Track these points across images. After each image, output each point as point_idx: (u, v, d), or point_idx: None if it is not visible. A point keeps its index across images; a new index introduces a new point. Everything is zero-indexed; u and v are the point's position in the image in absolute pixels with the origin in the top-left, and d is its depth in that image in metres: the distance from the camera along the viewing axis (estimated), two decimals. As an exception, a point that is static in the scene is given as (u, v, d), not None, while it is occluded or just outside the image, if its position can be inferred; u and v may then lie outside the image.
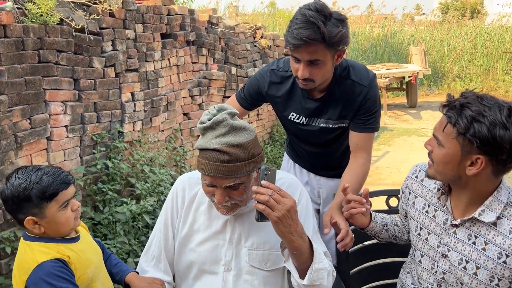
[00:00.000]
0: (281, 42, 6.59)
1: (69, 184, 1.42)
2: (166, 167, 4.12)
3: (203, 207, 1.61)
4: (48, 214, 1.38)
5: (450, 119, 1.35)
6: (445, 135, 1.37)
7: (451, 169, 1.39)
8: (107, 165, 3.44)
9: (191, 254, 1.59)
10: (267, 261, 1.56)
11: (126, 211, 3.27)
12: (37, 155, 2.96)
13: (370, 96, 1.94)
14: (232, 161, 1.38)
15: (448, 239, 1.52)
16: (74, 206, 1.44)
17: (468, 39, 13.95)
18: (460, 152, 1.35)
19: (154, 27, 4.09)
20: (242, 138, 1.40)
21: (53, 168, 1.42)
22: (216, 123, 1.40)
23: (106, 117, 3.53)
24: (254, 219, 1.56)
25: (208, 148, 1.39)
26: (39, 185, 1.36)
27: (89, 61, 3.35)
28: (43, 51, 2.94)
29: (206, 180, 1.44)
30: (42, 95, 2.96)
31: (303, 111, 2.03)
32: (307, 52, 1.74)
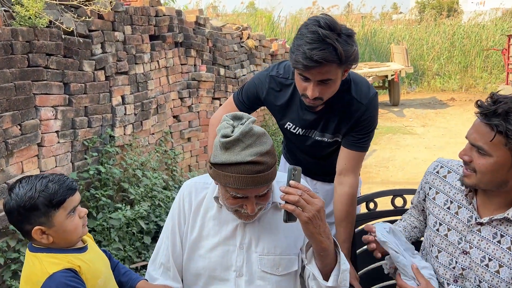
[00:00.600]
0: (267, 43, 6.58)
1: (75, 190, 1.37)
2: (158, 171, 4.06)
3: (212, 212, 1.57)
4: (56, 222, 1.33)
5: (497, 127, 1.31)
6: (492, 145, 1.33)
7: (500, 176, 1.36)
8: (99, 170, 3.37)
9: (201, 261, 1.56)
10: (279, 266, 1.53)
11: (120, 216, 3.21)
12: (28, 162, 2.87)
13: (368, 116, 1.88)
14: (266, 170, 1.36)
15: (472, 236, 1.51)
16: (81, 213, 1.39)
17: (446, 37, 14.23)
18: (510, 158, 1.33)
19: (143, 29, 4.03)
20: (267, 144, 1.38)
21: (57, 175, 1.37)
22: (244, 134, 1.35)
23: (97, 122, 3.45)
24: (263, 224, 1.55)
25: (242, 162, 1.34)
26: (46, 192, 1.31)
27: (79, 64, 3.27)
28: (32, 54, 2.85)
29: (239, 193, 1.39)
30: (32, 100, 2.87)
31: (300, 122, 1.98)
32: (320, 73, 1.66)
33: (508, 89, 8.43)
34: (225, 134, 1.36)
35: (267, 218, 1.56)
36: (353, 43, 1.68)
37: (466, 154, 1.41)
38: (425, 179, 1.71)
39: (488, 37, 13.88)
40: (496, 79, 12.68)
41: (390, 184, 5.15)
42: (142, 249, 3.39)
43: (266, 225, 1.56)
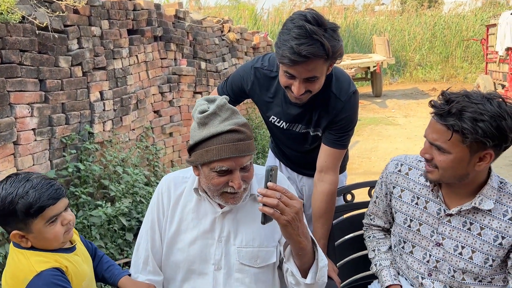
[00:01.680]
0: (249, 36, 6.55)
1: (58, 199, 1.31)
2: (139, 167, 4.02)
3: (190, 206, 1.57)
4: (35, 229, 1.30)
5: (453, 127, 1.36)
6: (450, 143, 1.39)
7: (461, 170, 1.42)
8: (79, 167, 3.33)
9: (179, 254, 1.56)
10: (257, 258, 1.54)
11: (101, 214, 3.18)
12: (4, 160, 2.82)
13: (346, 114, 1.86)
14: (247, 138, 1.41)
15: (443, 228, 1.57)
16: (64, 220, 1.35)
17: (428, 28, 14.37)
18: (469, 153, 1.38)
19: (121, 23, 3.97)
20: (242, 118, 1.45)
21: (42, 180, 1.31)
22: (219, 108, 1.41)
23: (75, 118, 3.40)
24: (241, 216, 1.55)
25: (222, 132, 1.38)
26: (25, 200, 1.27)
27: (55, 60, 3.21)
28: (5, 51, 2.79)
29: (224, 166, 1.39)
30: (7, 97, 2.81)
31: (284, 115, 1.97)
32: (306, 70, 1.65)
33: (487, 79, 8.56)
34: (202, 110, 1.41)
35: (245, 210, 1.57)
36: (338, 38, 1.68)
37: (427, 153, 1.47)
38: (387, 179, 1.74)
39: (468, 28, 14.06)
40: (476, 69, 12.87)
41: (372, 174, 5.19)
42: (125, 246, 3.37)
43: (244, 217, 1.56)
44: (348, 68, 9.56)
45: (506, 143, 1.37)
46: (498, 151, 1.39)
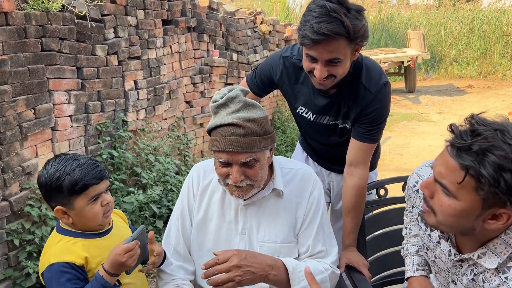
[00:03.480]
0: (281, 28, 6.51)
1: (101, 179, 1.39)
2: (170, 156, 4.08)
3: (217, 196, 1.59)
4: (77, 206, 1.37)
5: (468, 169, 1.02)
6: (460, 186, 1.05)
7: (465, 223, 1.10)
8: (113, 154, 3.40)
9: (206, 243, 1.58)
10: (279, 254, 1.53)
11: (133, 200, 3.24)
12: (42, 145, 2.91)
13: (376, 107, 1.79)
14: (248, 134, 1.38)
15: (455, 269, 1.30)
16: (104, 201, 1.40)
17: (465, 23, 13.89)
18: (481, 207, 1.05)
19: (155, 13, 4.01)
20: (256, 114, 1.41)
21: (88, 161, 1.40)
22: (230, 99, 1.40)
23: (110, 106, 3.47)
24: (264, 211, 1.55)
25: (223, 124, 1.39)
26: (71, 177, 1.34)
27: (92, 48, 3.28)
28: (45, 39, 2.86)
29: (222, 158, 1.41)
30: (46, 84, 2.89)
31: (311, 106, 1.93)
32: (328, 50, 1.60)
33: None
34: (214, 100, 1.43)
35: (268, 204, 1.56)
36: (362, 18, 1.63)
37: (428, 188, 1.14)
38: (409, 195, 1.53)
39: (508, 23, 13.51)
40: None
41: (404, 171, 5.09)
42: (155, 233, 3.41)
43: (266, 211, 1.55)
44: (381, 62, 9.37)
45: None
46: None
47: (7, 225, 2.59)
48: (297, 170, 1.62)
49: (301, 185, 1.58)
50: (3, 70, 2.52)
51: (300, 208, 1.57)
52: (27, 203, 2.69)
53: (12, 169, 2.62)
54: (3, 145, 2.54)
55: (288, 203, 1.56)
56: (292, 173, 1.59)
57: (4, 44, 2.56)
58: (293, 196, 1.57)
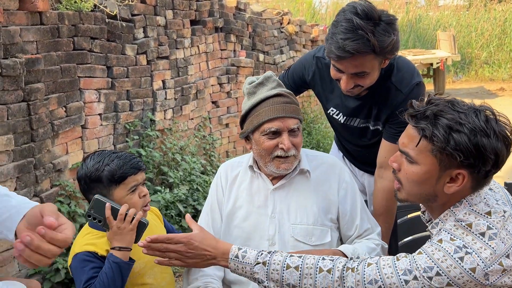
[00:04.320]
0: (308, 28, 6.46)
1: (139, 169, 1.44)
2: (196, 156, 4.09)
3: (245, 184, 1.63)
4: (116, 197, 1.40)
5: (424, 131, 1.16)
6: (418, 151, 1.18)
7: (427, 188, 1.20)
8: (140, 153, 3.43)
9: (236, 231, 1.60)
10: (311, 236, 1.55)
11: (160, 199, 3.26)
12: (73, 143, 2.95)
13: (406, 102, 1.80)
14: (293, 102, 1.54)
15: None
16: (142, 192, 1.44)
17: (497, 24, 13.51)
18: (438, 168, 1.17)
19: (184, 14, 4.03)
20: (288, 89, 1.61)
21: (125, 153, 1.46)
22: (266, 78, 1.54)
23: (139, 105, 3.50)
24: (293, 193, 1.58)
25: (270, 96, 1.51)
26: (110, 167, 1.39)
27: (122, 48, 3.31)
28: (77, 38, 2.91)
29: (273, 127, 1.49)
30: (77, 82, 2.94)
31: (342, 108, 1.92)
32: (353, 65, 1.61)
33: None
34: (251, 81, 1.56)
35: (296, 187, 1.59)
36: (393, 31, 1.60)
37: (396, 161, 1.26)
38: None
39: (543, 24, 13.08)
40: (550, 68, 11.96)
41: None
42: (181, 231, 3.44)
43: (295, 194, 1.59)
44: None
45: (485, 165, 1.13)
46: (474, 174, 1.15)
47: (38, 220, 2.63)
48: (322, 157, 1.69)
49: (329, 170, 1.64)
50: (37, 68, 2.57)
51: (332, 193, 1.60)
52: (57, 200, 2.74)
53: (43, 165, 2.67)
54: (36, 142, 2.59)
55: (317, 185, 1.60)
56: (318, 159, 1.66)
57: (38, 43, 2.61)
58: (321, 180, 1.62)
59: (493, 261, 1.12)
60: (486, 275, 1.11)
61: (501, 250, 1.13)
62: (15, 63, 2.39)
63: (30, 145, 2.56)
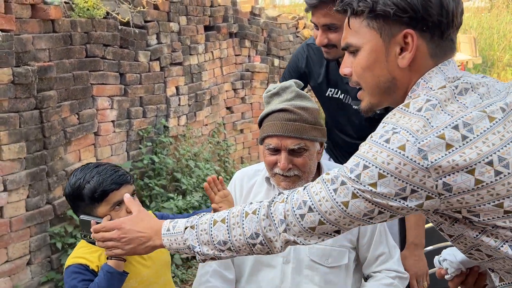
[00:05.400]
0: (324, 33, 6.40)
1: (121, 184, 1.35)
2: (210, 162, 4.06)
3: (260, 197, 1.56)
4: (101, 214, 1.34)
5: (348, 5, 1.00)
6: (354, 32, 1.01)
7: (380, 71, 0.99)
8: (153, 160, 3.42)
9: None
10: (328, 257, 1.48)
11: (172, 206, 3.24)
12: (85, 150, 2.95)
13: None
14: (298, 120, 1.41)
15: None
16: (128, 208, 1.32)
17: (520, 26, 13.20)
18: (382, 41, 0.98)
19: (198, 19, 4.02)
20: (308, 104, 1.45)
21: (108, 167, 1.38)
22: (283, 89, 1.46)
23: (152, 112, 3.49)
24: None
25: (275, 110, 1.43)
26: (90, 184, 1.33)
27: (135, 55, 3.31)
28: (90, 45, 2.92)
29: (271, 144, 1.42)
30: (90, 90, 2.94)
31: (340, 86, 1.90)
32: (322, 14, 1.64)
33: None
34: (268, 90, 1.50)
35: None
36: None
37: (347, 67, 1.06)
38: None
39: None
40: None
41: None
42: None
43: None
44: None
45: (429, 16, 0.94)
46: (425, 34, 0.96)
47: (50, 228, 2.63)
48: None
49: None
50: (49, 76, 2.58)
51: None
52: (69, 208, 2.73)
53: (56, 173, 2.67)
54: (48, 150, 2.60)
55: None
56: None
57: (51, 50, 2.62)
58: None
59: (429, 133, 0.86)
60: (420, 151, 0.86)
61: (442, 120, 0.87)
62: (27, 71, 2.40)
63: (43, 153, 2.56)
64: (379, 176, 0.89)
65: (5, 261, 2.39)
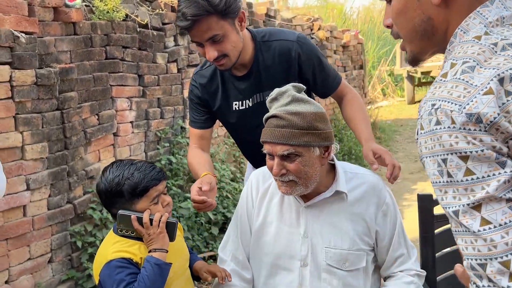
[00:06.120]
0: (339, 34, 6.39)
1: (160, 180, 1.41)
2: (226, 163, 4.08)
3: (276, 199, 1.55)
4: (139, 209, 1.39)
5: None
6: None
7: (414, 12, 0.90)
8: (171, 160, 3.45)
9: (265, 248, 1.53)
10: (345, 261, 1.46)
11: (189, 206, 3.26)
12: (105, 150, 3.00)
13: (305, 49, 1.77)
14: (286, 126, 1.38)
15: None
16: (164, 202, 1.42)
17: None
18: None
19: (214, 21, 4.05)
20: (304, 108, 1.40)
21: (145, 164, 1.43)
22: (280, 94, 1.43)
23: (169, 113, 3.53)
24: (328, 214, 1.49)
25: (269, 116, 1.43)
26: (131, 180, 1.37)
27: (153, 56, 3.35)
28: (109, 47, 2.96)
29: (265, 149, 1.44)
30: (109, 91, 2.99)
31: (242, 94, 1.83)
32: (202, 31, 1.61)
33: None
34: (270, 95, 1.47)
35: (331, 208, 1.50)
36: None
37: (386, 18, 1.02)
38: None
39: None
40: None
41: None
42: (210, 239, 3.43)
43: (329, 215, 1.50)
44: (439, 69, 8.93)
45: None
46: None
47: (71, 227, 2.68)
48: (363, 176, 1.55)
49: (369, 191, 1.51)
50: (70, 77, 2.63)
51: (370, 216, 1.50)
52: (89, 206, 2.78)
53: (76, 173, 2.72)
54: (69, 150, 2.64)
55: (354, 207, 1.50)
56: (358, 178, 1.54)
57: (72, 52, 2.67)
58: (359, 201, 1.50)
59: (473, 94, 0.74)
60: (471, 116, 0.73)
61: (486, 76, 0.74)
62: (49, 72, 2.45)
63: (64, 153, 2.61)
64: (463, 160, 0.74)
65: (28, 259, 2.44)
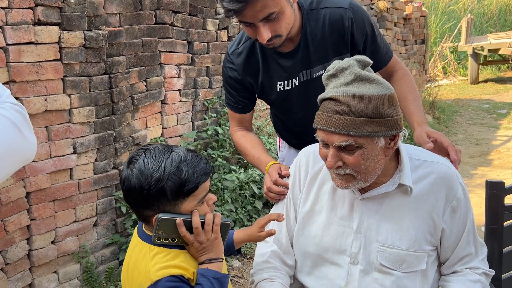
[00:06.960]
0: (401, 5, 5.98)
1: (209, 174, 1.12)
2: (273, 137, 3.97)
3: (327, 186, 1.38)
4: (184, 211, 1.09)
5: None
6: None
7: None
8: (217, 131, 3.38)
9: (311, 238, 1.38)
10: (403, 262, 1.28)
11: (234, 178, 3.19)
12: (152, 118, 2.96)
13: (358, 17, 1.61)
14: (347, 113, 1.15)
15: None
16: (209, 200, 1.15)
17: None
18: None
19: (268, -12, 3.86)
20: (369, 90, 1.16)
21: (189, 153, 1.10)
22: (340, 70, 1.20)
23: (218, 83, 3.44)
24: (388, 209, 1.30)
25: (325, 98, 1.20)
26: (177, 176, 1.06)
27: (203, 23, 3.24)
28: (159, 11, 2.88)
29: (319, 136, 1.23)
30: (158, 57, 2.92)
31: (287, 72, 1.65)
32: (256, 11, 1.41)
33: None
34: (327, 69, 1.25)
35: (392, 202, 1.30)
36: None
37: None
38: None
39: None
40: None
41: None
42: (253, 213, 3.36)
43: (389, 210, 1.30)
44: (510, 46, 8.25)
45: None
46: None
47: (116, 192, 2.68)
48: (432, 164, 1.32)
49: (437, 182, 1.29)
50: (119, 41, 2.58)
51: (437, 212, 1.29)
52: (134, 173, 2.76)
53: (123, 139, 2.70)
54: (116, 115, 2.62)
55: (419, 202, 1.30)
56: (426, 167, 1.31)
57: (121, 15, 2.61)
58: (425, 195, 1.30)
59: None
60: None
61: None
62: (98, 35, 2.40)
63: (111, 118, 2.59)
64: None
65: (73, 221, 2.47)
